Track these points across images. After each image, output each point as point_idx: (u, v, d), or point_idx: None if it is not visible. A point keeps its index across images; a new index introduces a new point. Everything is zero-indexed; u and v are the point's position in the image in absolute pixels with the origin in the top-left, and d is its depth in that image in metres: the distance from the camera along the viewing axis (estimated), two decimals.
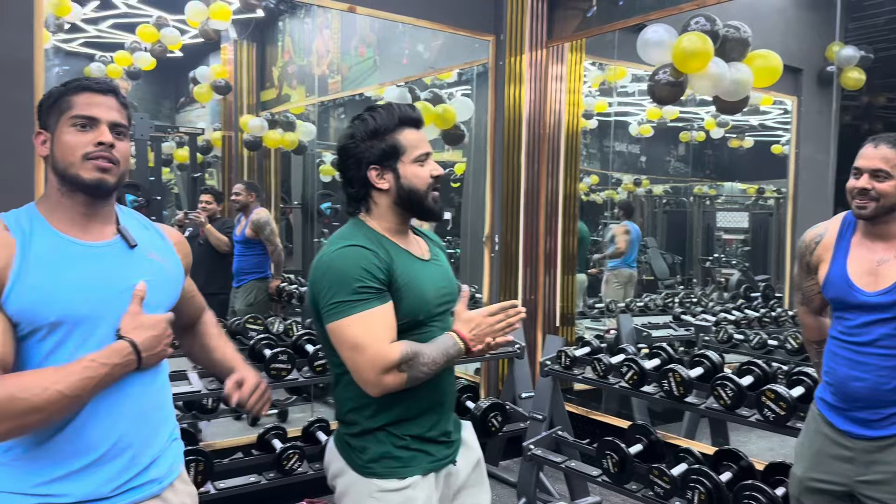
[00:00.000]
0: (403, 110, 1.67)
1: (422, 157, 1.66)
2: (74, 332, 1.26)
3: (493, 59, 4.16)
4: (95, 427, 1.28)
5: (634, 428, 2.97)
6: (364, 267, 1.55)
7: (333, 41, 5.94)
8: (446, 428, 1.74)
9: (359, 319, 1.53)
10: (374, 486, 1.63)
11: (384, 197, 1.67)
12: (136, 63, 6.17)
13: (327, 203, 7.36)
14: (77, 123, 1.29)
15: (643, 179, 7.15)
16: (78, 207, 1.32)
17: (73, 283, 1.27)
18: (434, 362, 1.58)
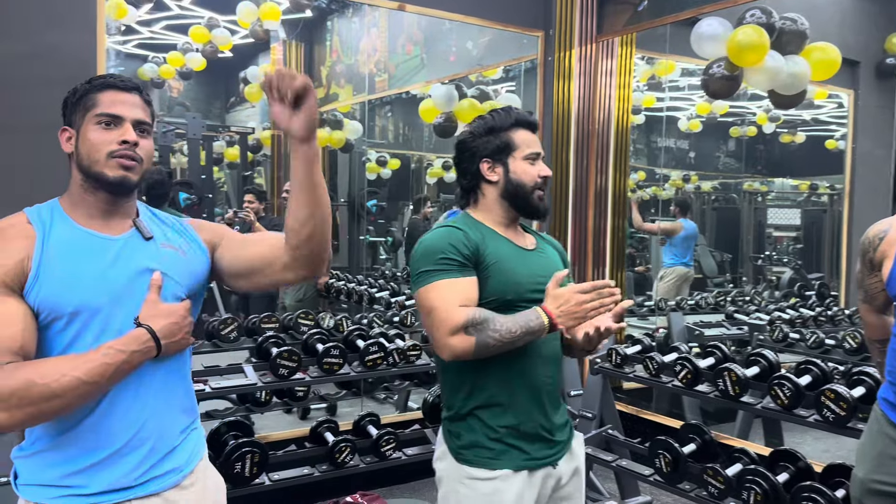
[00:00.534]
0: (520, 113, 1.78)
1: (532, 155, 1.75)
2: (93, 322, 1.28)
3: (542, 55, 4.15)
4: (116, 418, 1.30)
5: (687, 427, 2.93)
6: (450, 242, 1.65)
7: (381, 39, 5.98)
8: (545, 424, 1.73)
9: (436, 286, 1.62)
10: (464, 472, 1.68)
11: (492, 189, 1.77)
12: (188, 63, 6.29)
13: (373, 201, 7.43)
14: (102, 121, 1.31)
15: (692, 175, 7.04)
16: (100, 203, 1.34)
17: (91, 273, 1.29)
18: (509, 331, 1.57)
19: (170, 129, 6.91)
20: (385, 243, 7.62)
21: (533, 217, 1.79)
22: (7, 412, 1.14)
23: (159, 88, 7.08)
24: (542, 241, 1.88)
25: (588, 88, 4.12)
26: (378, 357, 3.13)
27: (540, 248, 1.83)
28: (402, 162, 7.25)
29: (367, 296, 4.94)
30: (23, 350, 1.20)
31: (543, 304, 1.62)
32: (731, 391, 2.73)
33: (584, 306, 1.58)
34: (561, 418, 1.79)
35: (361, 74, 6.24)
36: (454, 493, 1.70)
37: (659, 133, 6.37)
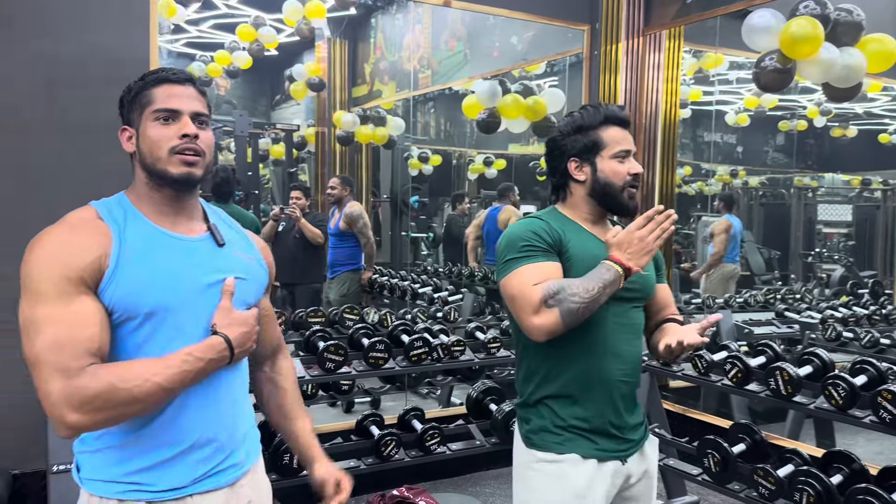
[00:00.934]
0: (610, 109, 1.74)
1: (622, 153, 1.71)
2: (166, 323, 1.26)
3: (588, 49, 4.11)
4: (186, 418, 1.29)
5: (737, 427, 2.88)
6: (534, 230, 1.66)
7: (424, 36, 6.00)
8: (615, 421, 1.71)
9: (518, 272, 1.62)
10: (533, 456, 1.69)
11: (580, 188, 1.75)
12: (234, 62, 6.38)
13: (415, 197, 7.46)
14: (160, 117, 1.28)
15: (739, 170, 6.90)
16: (165, 201, 1.32)
17: (168, 274, 1.27)
18: (587, 290, 1.56)
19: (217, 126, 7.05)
20: (426, 239, 7.65)
21: (621, 214, 1.77)
22: (89, 414, 1.14)
23: (207, 86, 7.20)
24: None
25: (635, 82, 4.08)
26: (423, 352, 3.14)
27: None
28: (444, 158, 7.25)
29: (410, 291, 4.96)
30: (100, 351, 1.19)
31: (609, 255, 1.60)
32: (783, 391, 2.67)
33: (648, 238, 1.57)
34: (635, 419, 1.77)
35: (405, 71, 6.26)
36: (524, 479, 1.72)
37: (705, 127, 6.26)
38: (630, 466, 1.74)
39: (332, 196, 5.25)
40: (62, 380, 1.13)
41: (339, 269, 5.26)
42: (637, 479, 1.78)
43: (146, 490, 1.27)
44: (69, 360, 1.14)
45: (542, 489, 1.67)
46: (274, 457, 2.71)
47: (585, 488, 1.65)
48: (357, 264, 5.29)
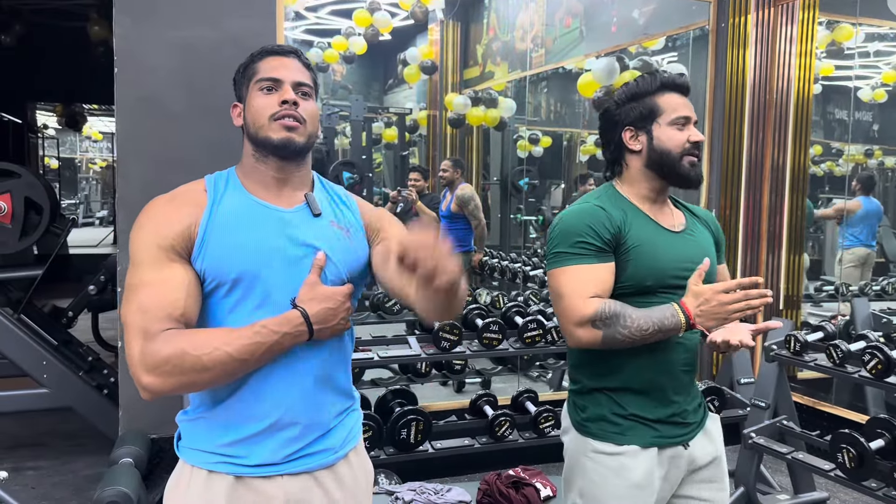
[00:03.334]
0: (667, 76, 1.64)
1: (680, 119, 1.61)
2: (253, 291, 1.26)
3: (715, 22, 3.91)
4: (267, 396, 1.27)
5: (875, 421, 2.69)
6: (590, 224, 1.57)
7: (538, 14, 5.91)
8: (676, 410, 1.64)
9: (568, 270, 1.56)
10: (589, 445, 1.62)
11: (636, 159, 1.65)
12: (350, 47, 6.50)
13: (525, 179, 7.40)
14: (263, 87, 1.31)
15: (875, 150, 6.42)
16: (270, 172, 1.32)
17: (256, 243, 1.27)
18: (640, 329, 1.50)
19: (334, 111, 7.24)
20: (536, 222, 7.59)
21: (683, 186, 1.66)
22: (160, 378, 1.16)
23: (324, 72, 7.41)
24: (693, 220, 1.74)
25: (765, 57, 3.85)
26: (536, 334, 3.13)
27: (689, 230, 1.69)
28: (554, 140, 7.14)
29: (521, 273, 4.94)
30: (184, 317, 1.21)
31: (682, 300, 1.52)
32: None
33: (728, 308, 1.47)
34: (693, 402, 1.69)
35: (517, 51, 6.20)
36: (579, 467, 1.64)
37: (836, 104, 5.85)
38: (694, 449, 1.66)
39: (444, 178, 5.29)
40: (141, 342, 1.17)
41: None
42: (707, 462, 1.68)
43: (236, 463, 1.28)
44: (150, 323, 1.18)
45: (601, 481, 1.60)
46: (392, 431, 2.78)
47: (645, 478, 1.59)
48: (467, 246, 5.32)
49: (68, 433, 3.89)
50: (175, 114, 2.92)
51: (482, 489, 2.47)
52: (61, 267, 3.66)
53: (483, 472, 2.98)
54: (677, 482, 1.67)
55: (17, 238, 3.30)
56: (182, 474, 1.32)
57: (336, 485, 1.35)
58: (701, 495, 1.69)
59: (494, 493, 2.42)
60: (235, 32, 2.97)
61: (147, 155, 2.90)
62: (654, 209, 1.66)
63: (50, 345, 3.40)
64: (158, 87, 2.89)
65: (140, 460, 2.69)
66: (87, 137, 16.87)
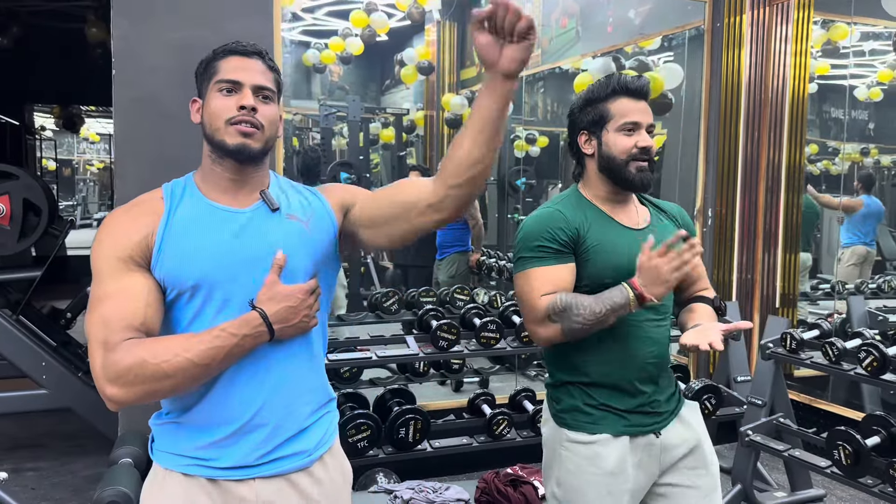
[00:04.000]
0: (621, 79, 1.69)
1: (628, 125, 1.66)
2: (214, 296, 1.26)
3: (710, 22, 3.92)
4: (234, 398, 1.27)
5: (871, 418, 2.71)
6: (548, 228, 1.64)
7: (535, 14, 5.92)
8: (645, 401, 1.68)
9: (528, 274, 1.63)
10: (564, 435, 1.68)
11: (591, 163, 1.73)
12: (347, 48, 6.52)
13: (522, 179, 7.41)
14: (223, 88, 1.28)
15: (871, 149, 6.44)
16: (227, 174, 1.31)
17: (212, 247, 1.26)
18: (593, 313, 1.55)
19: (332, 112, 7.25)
20: None
21: (630, 190, 1.71)
22: (123, 388, 1.16)
23: (321, 73, 7.43)
24: (659, 215, 1.78)
25: (760, 56, 3.86)
26: None
27: (653, 225, 1.73)
28: (550, 140, 7.16)
29: None
30: (144, 326, 1.20)
31: (632, 278, 1.56)
32: None
33: (665, 269, 1.51)
34: (665, 392, 1.73)
35: None
36: (556, 457, 1.70)
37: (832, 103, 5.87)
38: (668, 437, 1.70)
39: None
40: (102, 353, 1.17)
41: (448, 250, 5.32)
42: (689, 449, 1.72)
43: (209, 466, 1.28)
44: (111, 334, 1.17)
45: (576, 470, 1.66)
46: (391, 430, 2.79)
47: (617, 466, 1.64)
48: (465, 246, 5.33)
49: (67, 434, 3.90)
50: (173, 114, 2.91)
51: (480, 487, 2.49)
52: (59, 268, 3.67)
53: (481, 471, 2.99)
54: (655, 471, 1.70)
55: (16, 240, 3.31)
56: (156, 477, 1.32)
57: (312, 487, 1.35)
58: (684, 482, 1.72)
59: (493, 492, 2.43)
60: (234, 34, 2.94)
61: (145, 155, 2.90)
62: (615, 209, 1.72)
63: (49, 346, 3.40)
64: (157, 87, 2.89)
65: (139, 460, 2.70)
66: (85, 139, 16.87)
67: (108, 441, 3.39)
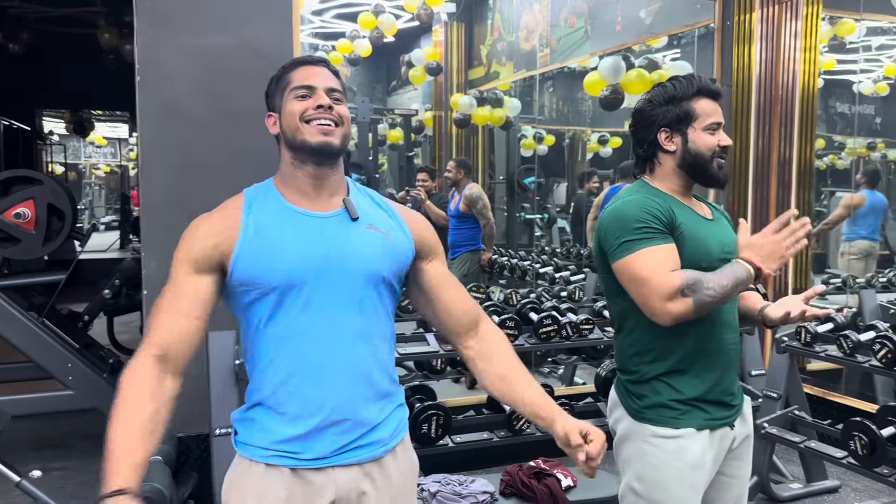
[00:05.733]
0: (703, 81, 1.74)
1: (713, 125, 1.72)
2: (298, 297, 1.32)
3: (720, 19, 3.97)
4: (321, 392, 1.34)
5: (886, 409, 2.76)
6: (646, 210, 1.66)
7: (543, 14, 5.97)
8: (728, 390, 1.74)
9: (642, 255, 1.63)
10: (648, 431, 1.71)
11: (670, 159, 1.75)
12: (355, 50, 6.56)
13: (531, 178, 7.45)
14: (298, 95, 1.37)
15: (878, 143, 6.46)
16: (308, 178, 1.38)
17: (296, 250, 1.33)
18: (721, 286, 1.59)
19: None
20: (541, 220, 7.65)
21: (712, 186, 1.79)
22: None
23: None
24: (714, 210, 1.85)
25: (771, 52, 3.90)
26: (552, 330, 3.18)
27: (716, 218, 1.82)
28: (557, 138, 7.20)
29: (531, 271, 5.00)
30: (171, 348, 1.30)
31: (743, 255, 1.63)
32: None
33: (782, 245, 1.61)
34: (736, 383, 1.80)
35: (522, 51, 6.25)
36: (639, 453, 1.73)
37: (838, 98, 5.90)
38: (736, 430, 1.77)
39: (450, 179, 5.36)
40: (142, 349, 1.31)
41: (460, 249, 5.36)
42: (741, 441, 1.80)
43: (293, 457, 1.35)
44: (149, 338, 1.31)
45: (660, 464, 1.69)
46: (413, 426, 2.83)
47: (700, 458, 1.69)
48: (477, 245, 5.38)
49: (92, 434, 3.93)
50: (196, 119, 2.98)
51: (504, 480, 2.54)
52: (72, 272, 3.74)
53: (500, 466, 3.04)
54: (720, 461, 1.76)
55: (41, 244, 3.37)
56: (240, 467, 1.39)
57: (383, 477, 1.41)
58: (731, 472, 1.79)
59: (517, 484, 2.48)
60: (253, 39, 3.04)
61: (170, 160, 2.97)
62: (685, 200, 1.77)
63: (73, 348, 3.46)
64: (180, 93, 2.95)
65: (169, 458, 2.76)
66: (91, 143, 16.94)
67: None
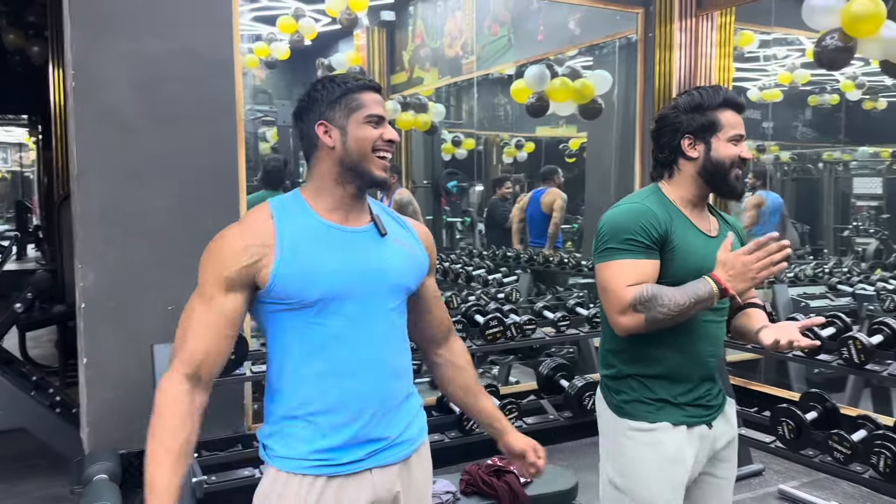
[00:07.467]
0: (729, 93, 1.77)
1: (736, 137, 1.75)
2: (340, 309, 1.36)
3: (643, 31, 4.18)
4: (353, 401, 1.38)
5: (809, 396, 2.98)
6: (641, 223, 1.68)
7: (467, 22, 6.07)
8: (702, 394, 1.79)
9: (613, 265, 1.68)
10: (626, 425, 1.76)
11: (690, 166, 1.77)
12: (273, 53, 6.45)
13: (453, 182, 7.55)
14: (371, 122, 1.40)
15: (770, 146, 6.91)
16: (347, 196, 1.41)
17: (334, 263, 1.36)
18: (677, 304, 1.61)
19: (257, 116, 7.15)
20: (462, 223, 7.76)
21: (728, 197, 1.82)
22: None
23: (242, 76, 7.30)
24: (725, 226, 1.85)
25: (690, 60, 4.11)
26: (498, 331, 3.26)
27: (722, 234, 1.81)
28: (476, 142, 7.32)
29: (464, 274, 5.08)
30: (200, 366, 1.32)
31: (713, 272, 1.65)
32: (855, 359, 2.77)
33: (753, 267, 1.59)
34: (716, 387, 1.85)
35: (446, 57, 6.33)
36: (618, 447, 1.79)
37: None
38: (716, 430, 1.81)
39: None
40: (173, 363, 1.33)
41: None
42: (726, 443, 1.84)
43: (328, 465, 1.38)
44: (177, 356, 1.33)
45: (637, 457, 1.75)
46: None
47: (677, 453, 1.74)
48: None
49: (17, 455, 3.74)
50: (135, 126, 2.89)
51: (465, 479, 2.59)
52: None
53: (453, 466, 3.09)
54: (704, 461, 1.80)
55: None
56: (276, 481, 1.39)
57: (410, 476, 1.48)
58: (717, 473, 1.84)
59: (478, 483, 2.54)
60: (193, 44, 2.97)
61: (107, 168, 2.86)
62: (694, 213, 1.79)
63: None
64: (117, 99, 2.85)
65: (114, 475, 2.66)
66: None
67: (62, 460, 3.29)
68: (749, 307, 1.86)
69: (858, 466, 2.68)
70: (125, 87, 2.86)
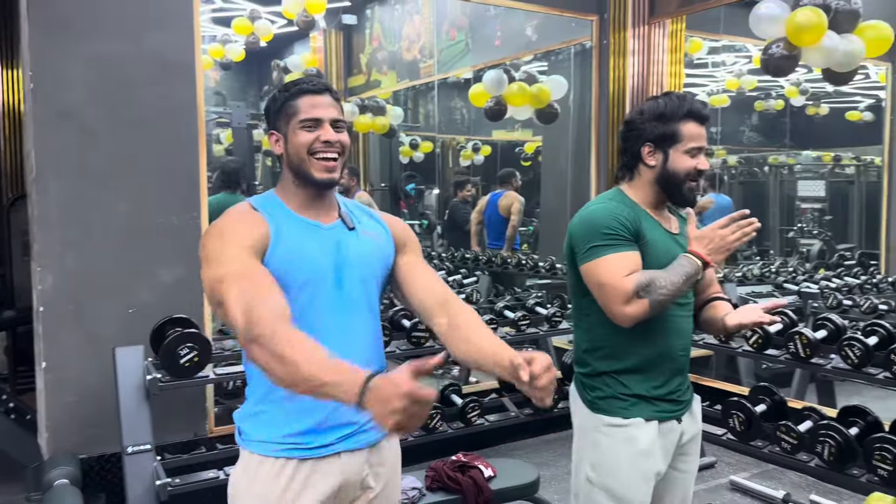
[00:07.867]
0: (694, 105, 1.81)
1: (694, 149, 1.80)
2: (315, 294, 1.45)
3: (597, 38, 4.28)
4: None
5: (758, 389, 3.11)
6: (615, 217, 1.76)
7: (424, 26, 6.12)
8: (675, 389, 1.85)
9: (605, 260, 1.73)
10: (601, 421, 1.82)
11: (649, 173, 1.83)
12: (227, 54, 6.39)
13: (412, 184, 7.59)
14: (305, 126, 1.46)
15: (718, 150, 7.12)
16: (309, 196, 1.51)
17: (315, 251, 1.47)
18: (673, 283, 1.70)
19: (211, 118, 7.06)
20: (420, 225, 7.80)
21: (680, 205, 1.89)
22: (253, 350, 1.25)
23: None
24: (683, 225, 1.92)
25: (642, 66, 4.25)
26: None
27: (682, 232, 1.90)
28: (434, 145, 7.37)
29: None
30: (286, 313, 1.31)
31: (690, 248, 1.76)
32: (801, 353, 2.91)
33: (729, 238, 1.73)
34: (686, 382, 1.92)
35: (404, 61, 6.37)
36: (591, 441, 1.85)
37: None
38: (684, 424, 1.89)
39: (342, 186, 5.37)
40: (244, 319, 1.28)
41: None
42: (690, 437, 1.92)
43: (302, 448, 1.44)
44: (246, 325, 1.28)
45: (611, 452, 1.81)
46: None
47: (649, 447, 1.81)
48: None
49: None
50: (93, 128, 2.86)
51: (430, 476, 2.62)
52: None
53: (416, 464, 3.13)
54: (670, 456, 1.87)
55: None
56: (250, 463, 1.46)
57: (380, 460, 1.54)
58: (681, 467, 1.92)
59: (443, 478, 2.58)
60: (153, 47, 2.96)
61: (65, 170, 2.82)
62: (656, 213, 1.87)
63: None
64: (76, 101, 2.82)
65: (76, 480, 2.63)
66: None
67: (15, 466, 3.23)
68: (717, 300, 1.94)
69: (805, 455, 2.81)
70: (85, 89, 2.83)
